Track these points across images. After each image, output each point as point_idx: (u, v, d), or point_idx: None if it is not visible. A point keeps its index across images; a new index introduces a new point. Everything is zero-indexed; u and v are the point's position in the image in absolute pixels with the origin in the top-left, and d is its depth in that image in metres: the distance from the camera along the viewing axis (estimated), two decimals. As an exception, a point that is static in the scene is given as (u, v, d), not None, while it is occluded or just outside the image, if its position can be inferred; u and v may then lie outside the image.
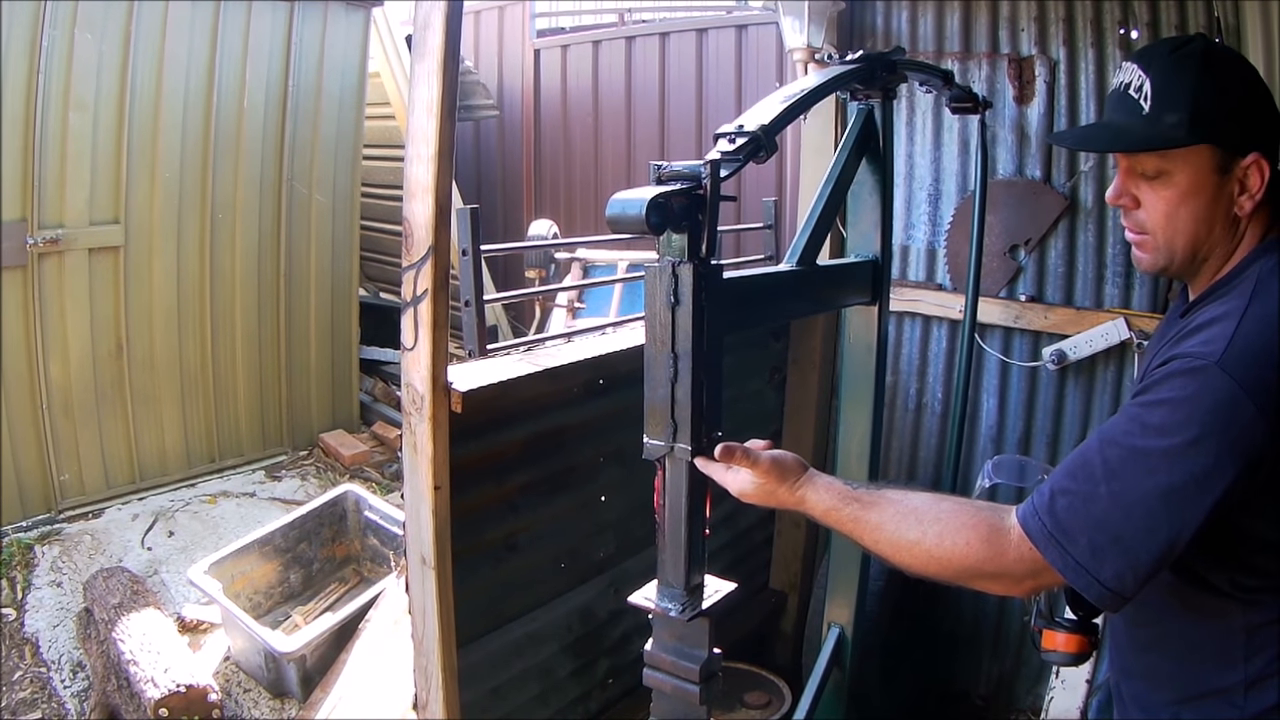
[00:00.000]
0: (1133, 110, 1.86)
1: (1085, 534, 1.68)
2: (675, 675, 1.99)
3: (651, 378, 1.93)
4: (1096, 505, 1.69)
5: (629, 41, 9.35)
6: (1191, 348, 1.70)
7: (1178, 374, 1.68)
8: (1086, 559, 1.68)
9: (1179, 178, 1.83)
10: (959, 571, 1.82)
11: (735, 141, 2.02)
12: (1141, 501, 1.65)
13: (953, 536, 1.80)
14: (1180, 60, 1.84)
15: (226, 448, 7.48)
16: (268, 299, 7.61)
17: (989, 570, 1.79)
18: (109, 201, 6.43)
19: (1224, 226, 1.85)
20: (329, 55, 7.71)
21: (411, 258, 2.64)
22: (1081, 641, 2.27)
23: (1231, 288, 1.82)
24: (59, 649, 5.19)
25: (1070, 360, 4.22)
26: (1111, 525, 1.67)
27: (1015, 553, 1.75)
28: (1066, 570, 1.69)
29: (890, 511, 1.90)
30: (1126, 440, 1.71)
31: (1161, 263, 1.92)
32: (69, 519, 6.41)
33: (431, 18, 2.50)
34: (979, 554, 1.78)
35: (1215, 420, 1.62)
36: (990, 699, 4.76)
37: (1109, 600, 1.70)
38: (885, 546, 1.89)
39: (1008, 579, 1.80)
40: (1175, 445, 1.64)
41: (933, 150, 4.63)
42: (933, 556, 1.82)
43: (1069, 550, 1.69)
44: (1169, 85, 1.82)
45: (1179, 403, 1.66)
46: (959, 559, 1.80)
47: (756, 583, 4.97)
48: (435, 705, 2.91)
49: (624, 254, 7.40)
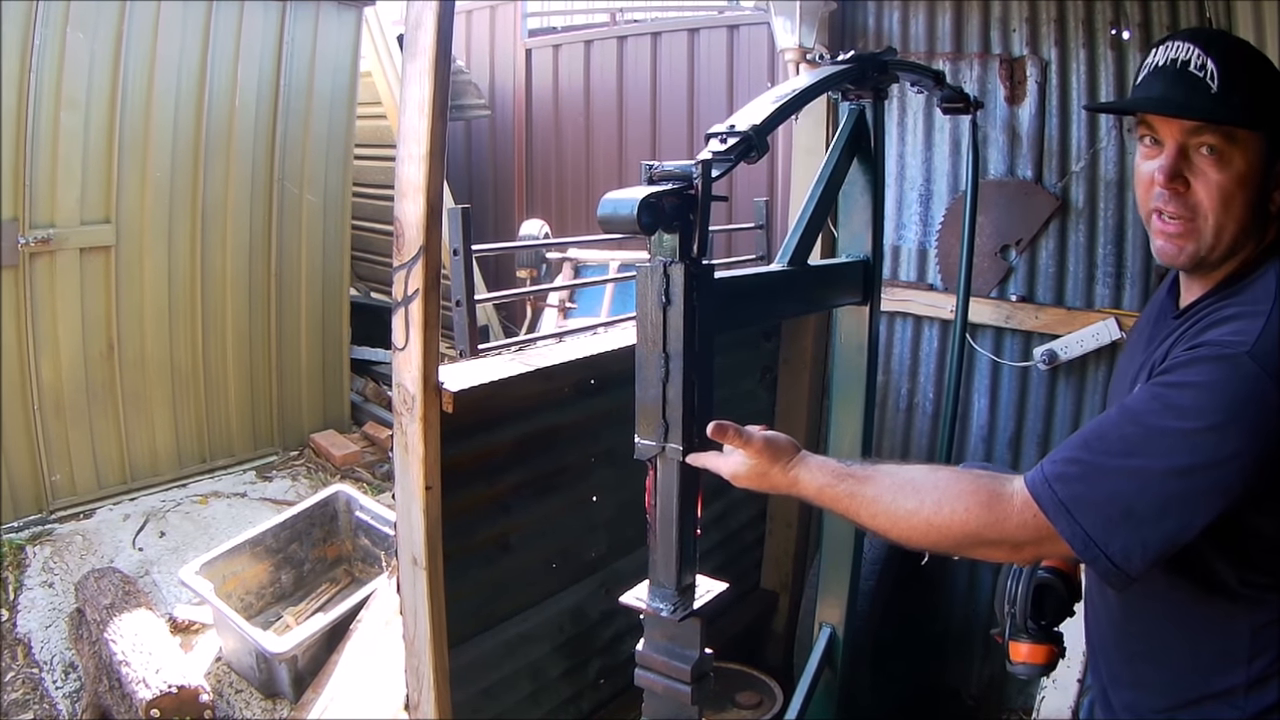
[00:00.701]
0: (1197, 87, 1.81)
1: (1097, 505, 1.66)
2: (667, 675, 1.99)
3: (643, 378, 1.93)
4: (1112, 478, 1.67)
5: (621, 41, 9.35)
6: (1219, 337, 1.68)
7: (1206, 360, 1.66)
8: (1097, 531, 1.65)
9: (1238, 162, 1.79)
10: (959, 539, 1.80)
11: (727, 141, 2.02)
12: (1159, 480, 1.63)
13: (952, 503, 1.78)
14: (1232, 47, 1.84)
15: (217, 448, 7.46)
16: (258, 299, 7.60)
17: (990, 536, 1.77)
18: (100, 201, 6.42)
19: (1259, 220, 1.82)
20: (321, 55, 7.70)
21: (403, 257, 2.63)
22: (1048, 651, 2.27)
23: (1245, 287, 1.79)
24: (51, 650, 5.18)
25: (1061, 360, 4.22)
26: (1125, 500, 1.65)
27: (1019, 518, 1.73)
28: (1074, 540, 1.67)
29: (886, 484, 1.88)
30: (1148, 419, 1.68)
31: (1204, 251, 1.84)
32: (60, 519, 6.39)
33: (423, 17, 2.50)
34: (980, 519, 1.76)
35: (1243, 409, 1.59)
36: (982, 699, 4.76)
37: (1114, 577, 1.67)
38: (882, 519, 1.86)
39: (1008, 545, 1.78)
40: (1199, 429, 1.61)
41: (924, 150, 4.63)
42: (932, 525, 1.80)
43: (1078, 520, 1.66)
44: (1232, 68, 1.79)
45: (1205, 387, 1.63)
46: (959, 525, 1.77)
47: (748, 583, 4.98)
48: (427, 706, 2.90)
49: (615, 254, 7.41)
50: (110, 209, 6.46)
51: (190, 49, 6.75)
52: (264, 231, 7.54)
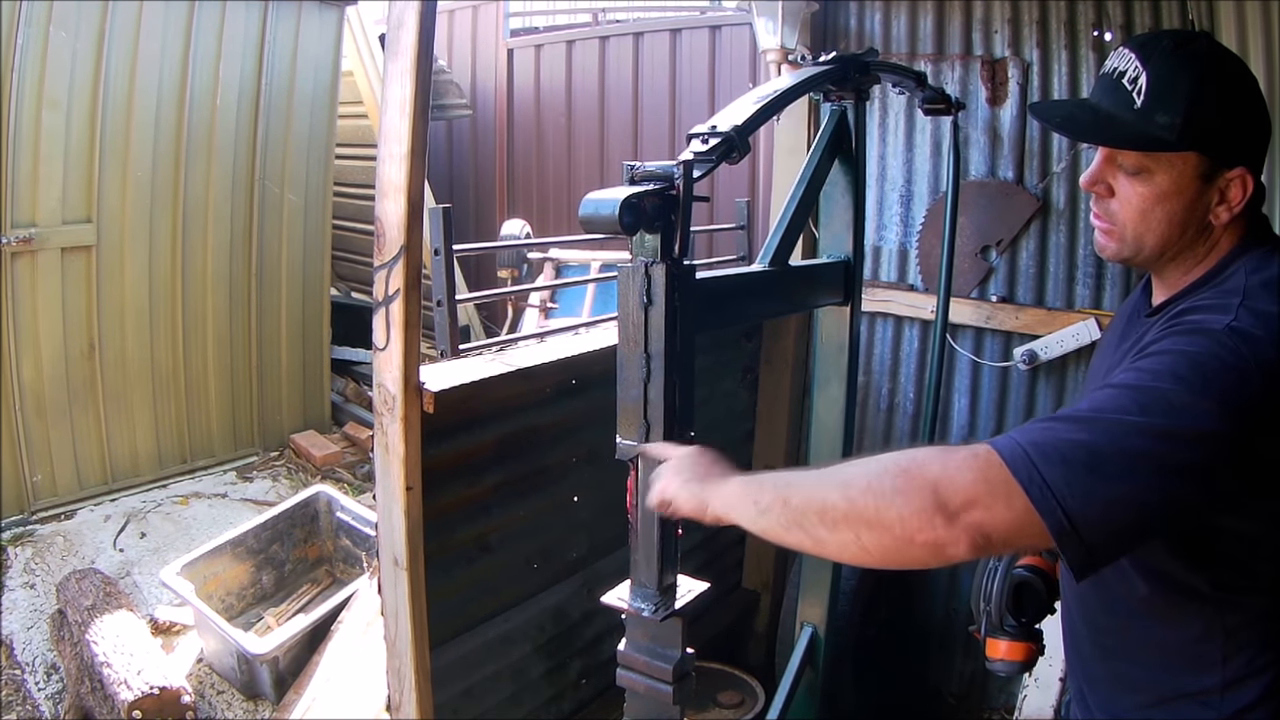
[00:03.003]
0: (1123, 101, 1.80)
1: (1060, 452, 1.50)
2: (648, 675, 2.00)
3: (624, 378, 1.93)
4: (1081, 428, 1.54)
5: (603, 41, 9.34)
6: (1196, 319, 1.66)
7: (1183, 333, 1.63)
8: (1056, 478, 1.48)
9: (1160, 178, 1.77)
10: (904, 506, 1.52)
11: (708, 142, 2.03)
12: (1132, 433, 1.51)
13: (892, 475, 1.56)
14: (1183, 60, 1.78)
15: (198, 448, 7.44)
16: (239, 298, 7.57)
17: (943, 495, 1.50)
18: (81, 200, 6.39)
19: (1196, 231, 1.81)
20: (302, 54, 7.68)
21: (383, 257, 2.63)
22: (1026, 649, 2.27)
23: (1212, 288, 1.78)
24: (33, 651, 5.16)
25: (1041, 360, 4.24)
26: (1092, 448, 1.51)
27: (975, 472, 1.52)
28: (1031, 487, 1.47)
29: (811, 477, 1.69)
30: (1122, 381, 1.60)
31: (1126, 254, 1.87)
32: (41, 520, 6.36)
33: (405, 16, 2.50)
34: (925, 475, 1.53)
35: (1219, 378, 1.54)
36: (964, 697, 4.78)
37: (1072, 546, 1.49)
38: (811, 518, 1.61)
39: (959, 503, 1.50)
40: (1177, 390, 1.53)
41: (905, 151, 4.65)
42: (866, 505, 1.55)
43: (1038, 466, 1.49)
44: (1166, 84, 1.76)
45: (1183, 354, 1.58)
46: (901, 491, 1.53)
47: (729, 582, 4.99)
48: (408, 706, 2.90)
49: (597, 254, 7.41)
50: (91, 208, 6.43)
51: (172, 48, 6.73)
52: (245, 231, 7.52)
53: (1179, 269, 1.87)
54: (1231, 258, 1.81)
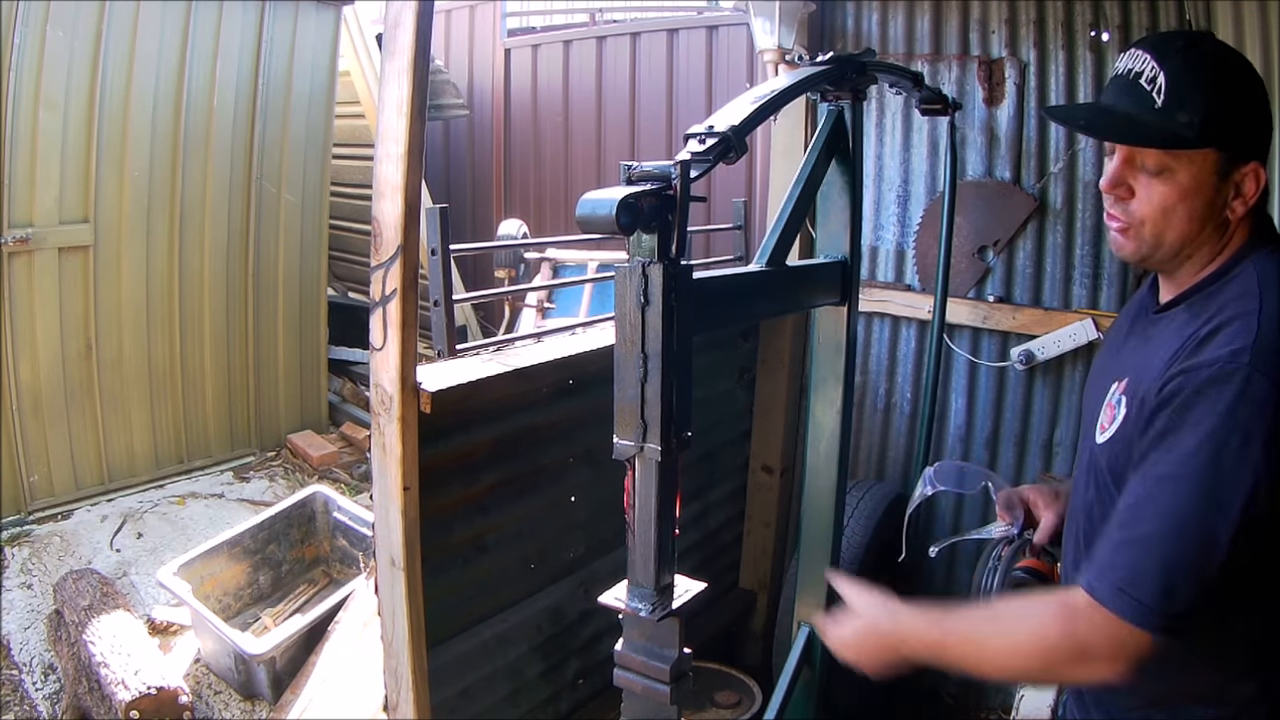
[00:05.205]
0: (1143, 101, 1.83)
1: (1146, 571, 1.65)
2: (646, 675, 1.99)
3: (621, 378, 1.93)
4: (1144, 532, 1.68)
5: (600, 41, 9.34)
6: (1216, 355, 1.68)
7: (1210, 384, 1.66)
8: (1157, 599, 1.64)
9: (1181, 176, 1.80)
10: (1043, 663, 1.77)
11: (705, 142, 2.02)
12: (1177, 508, 1.65)
13: (1027, 622, 1.80)
14: (1196, 59, 1.83)
15: (195, 449, 7.44)
16: (236, 299, 7.57)
17: (1066, 650, 1.72)
18: (79, 200, 6.39)
19: (1214, 227, 1.84)
20: (299, 54, 7.68)
21: (380, 257, 2.63)
22: None
23: (1224, 285, 1.81)
24: (30, 651, 5.16)
25: (1038, 360, 4.24)
26: (1151, 543, 1.66)
27: (1087, 622, 1.70)
28: (1146, 620, 1.65)
29: (968, 620, 1.93)
30: (1169, 468, 1.68)
31: (1145, 253, 1.90)
32: (38, 520, 6.37)
33: (402, 16, 2.50)
34: (1054, 633, 1.74)
35: (1258, 424, 1.61)
36: (960, 697, 4.77)
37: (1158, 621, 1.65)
38: (985, 670, 1.89)
39: (1095, 660, 1.70)
40: (1218, 453, 1.63)
41: (902, 151, 4.65)
42: (1016, 649, 1.80)
43: (1144, 601, 1.65)
44: (1184, 83, 1.80)
45: (1218, 415, 1.64)
46: (1034, 645, 1.77)
47: (726, 582, 4.98)
48: (405, 706, 2.90)
49: (594, 254, 7.40)
50: (89, 208, 6.44)
51: (169, 48, 6.73)
52: (242, 231, 7.52)
53: (1192, 266, 1.89)
54: (1240, 255, 1.84)
